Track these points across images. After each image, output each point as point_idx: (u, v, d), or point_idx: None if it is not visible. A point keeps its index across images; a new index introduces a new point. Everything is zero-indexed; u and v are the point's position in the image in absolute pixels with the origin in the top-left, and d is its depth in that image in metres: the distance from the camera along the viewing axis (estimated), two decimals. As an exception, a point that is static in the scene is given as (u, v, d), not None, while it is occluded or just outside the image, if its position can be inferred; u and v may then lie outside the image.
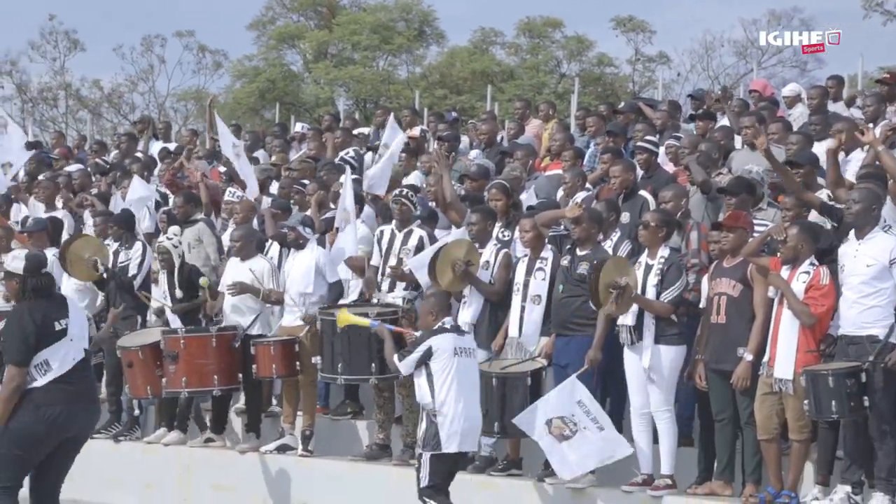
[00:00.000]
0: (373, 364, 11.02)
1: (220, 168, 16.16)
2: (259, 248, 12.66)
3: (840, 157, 11.64)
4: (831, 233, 9.70)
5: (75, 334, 8.60)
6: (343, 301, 12.06)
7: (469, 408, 9.50)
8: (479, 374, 10.38)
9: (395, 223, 11.98)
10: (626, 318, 9.91)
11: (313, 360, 11.54)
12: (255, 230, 13.05)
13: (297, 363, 11.77)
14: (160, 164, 17.18)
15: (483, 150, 15.61)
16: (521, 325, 10.68)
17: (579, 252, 10.46)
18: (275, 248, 12.85)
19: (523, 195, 12.79)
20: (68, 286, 13.16)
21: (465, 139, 16.95)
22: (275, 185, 15.31)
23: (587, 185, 12.62)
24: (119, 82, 45.42)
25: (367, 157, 15.78)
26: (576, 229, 10.52)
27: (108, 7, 59.71)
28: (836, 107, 14.84)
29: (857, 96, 15.18)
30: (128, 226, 13.40)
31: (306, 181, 14.22)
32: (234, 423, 12.75)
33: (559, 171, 13.43)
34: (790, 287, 9.18)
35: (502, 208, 11.65)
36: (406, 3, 41.32)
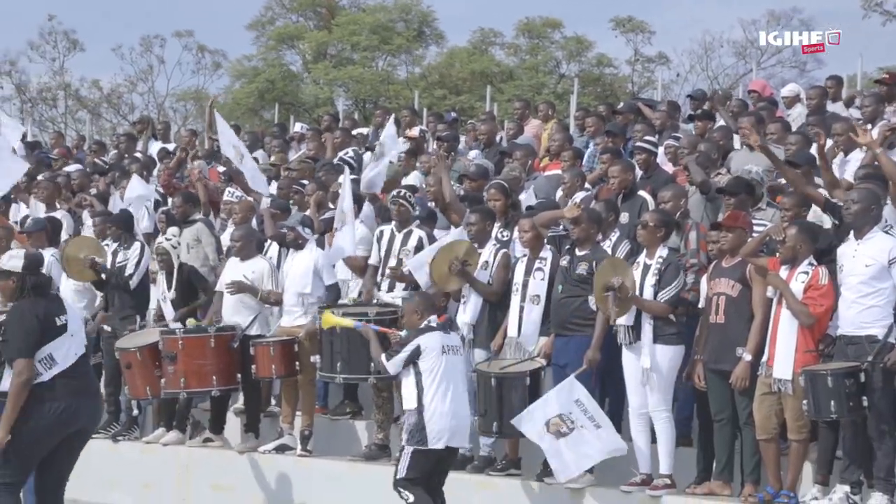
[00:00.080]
0: (372, 363, 11.00)
1: (219, 168, 16.16)
2: (258, 248, 12.66)
3: (839, 158, 11.69)
4: (832, 231, 9.70)
5: (75, 330, 8.69)
6: (342, 300, 12.07)
7: (457, 405, 9.53)
8: (478, 374, 10.44)
9: (395, 224, 11.99)
10: (625, 318, 9.91)
11: (312, 359, 11.55)
12: (254, 230, 13.05)
13: (297, 363, 11.77)
14: (159, 165, 17.18)
15: (482, 150, 15.62)
16: (520, 325, 10.67)
17: (578, 252, 10.46)
18: (274, 248, 12.84)
19: (522, 195, 12.79)
20: (67, 287, 13.16)
21: (463, 139, 16.96)
22: (274, 185, 15.31)
23: (586, 186, 12.63)
24: (118, 82, 45.50)
25: (366, 156, 15.78)
26: (575, 230, 10.51)
27: (107, 7, 59.76)
28: (835, 107, 14.85)
29: (857, 96, 15.18)
30: (126, 226, 13.39)
31: (305, 181, 14.22)
32: (233, 424, 12.74)
33: (558, 172, 13.44)
34: (789, 287, 9.18)
35: (501, 208, 11.65)
36: (405, 3, 41.33)
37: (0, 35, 59.59)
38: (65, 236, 14.68)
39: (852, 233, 9.18)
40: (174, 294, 12.55)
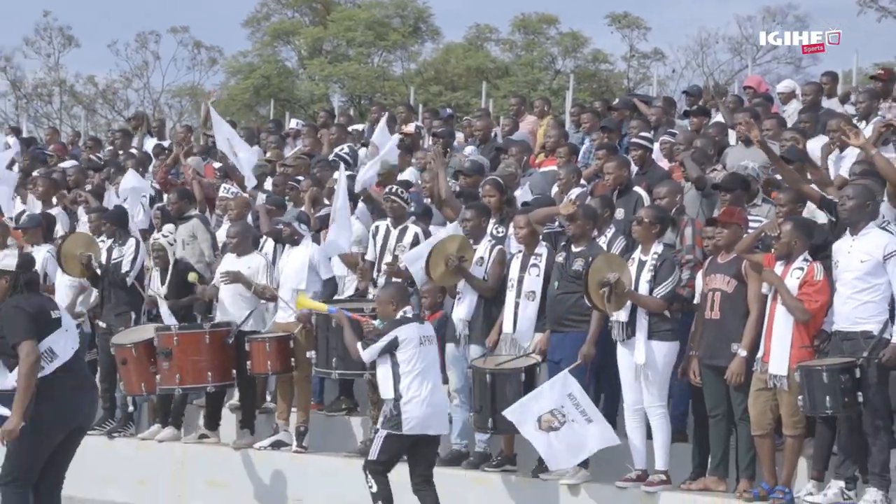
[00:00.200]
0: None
1: (215, 164, 16.15)
2: (254, 244, 12.66)
3: (834, 154, 11.70)
4: (827, 227, 9.71)
5: (69, 325, 8.79)
6: (338, 296, 12.07)
7: (433, 394, 9.68)
8: (474, 370, 10.47)
9: (390, 220, 12.00)
10: (619, 314, 9.91)
11: (308, 355, 11.55)
12: (250, 226, 13.04)
13: (292, 359, 11.77)
14: (154, 161, 17.17)
15: (478, 146, 15.62)
16: (515, 322, 10.67)
17: (574, 249, 10.46)
18: (269, 244, 12.84)
19: (518, 191, 12.80)
20: (62, 282, 13.17)
21: (459, 135, 16.95)
22: (269, 181, 15.30)
23: (581, 182, 12.63)
24: (113, 78, 45.49)
25: (361, 152, 15.78)
26: (570, 226, 10.51)
27: (106, 7, 59.69)
28: (830, 103, 14.84)
29: (852, 93, 15.20)
30: (121, 222, 13.37)
31: (301, 177, 14.21)
32: (229, 420, 12.73)
33: (554, 168, 13.45)
34: (784, 283, 9.19)
35: (496, 204, 11.65)
36: (401, -1, 41.37)
37: (-4, 31, 59.65)
38: (60, 233, 14.66)
39: (847, 229, 9.18)
40: (167, 290, 12.54)
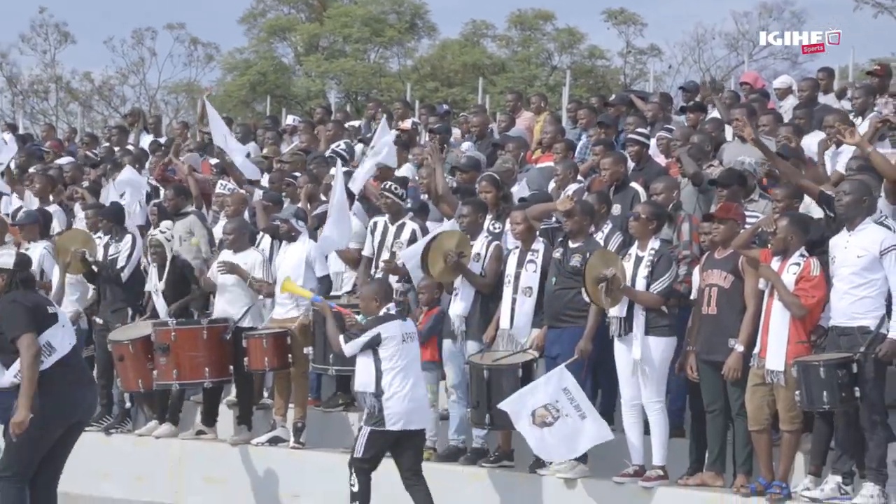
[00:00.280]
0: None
1: (211, 160, 16.14)
2: (251, 240, 12.65)
3: (831, 150, 11.71)
4: (822, 223, 9.71)
5: (65, 321, 8.91)
6: (335, 293, 12.06)
7: (415, 389, 9.77)
8: (471, 366, 10.49)
9: (387, 216, 12.00)
10: (616, 309, 9.92)
11: (305, 351, 11.55)
12: (247, 223, 13.04)
13: (290, 355, 11.77)
14: (151, 157, 17.15)
15: (474, 142, 15.61)
16: (512, 317, 10.67)
17: (571, 244, 10.47)
18: (266, 240, 12.84)
19: (515, 187, 12.78)
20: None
21: (456, 132, 16.95)
22: (266, 177, 15.29)
23: (578, 178, 12.62)
24: (110, 75, 45.40)
25: (358, 148, 15.77)
26: (567, 222, 10.52)
27: (105, 7, 59.58)
28: (826, 99, 14.85)
29: (848, 88, 15.19)
30: (117, 219, 13.37)
31: (298, 174, 14.20)
32: (226, 416, 12.73)
33: (550, 164, 13.43)
34: (780, 278, 9.19)
35: (492, 200, 11.65)
36: (397, -5, 41.30)
37: (-9, 28, 59.56)
38: (57, 230, 14.64)
39: (844, 224, 9.18)
40: (164, 286, 12.55)
